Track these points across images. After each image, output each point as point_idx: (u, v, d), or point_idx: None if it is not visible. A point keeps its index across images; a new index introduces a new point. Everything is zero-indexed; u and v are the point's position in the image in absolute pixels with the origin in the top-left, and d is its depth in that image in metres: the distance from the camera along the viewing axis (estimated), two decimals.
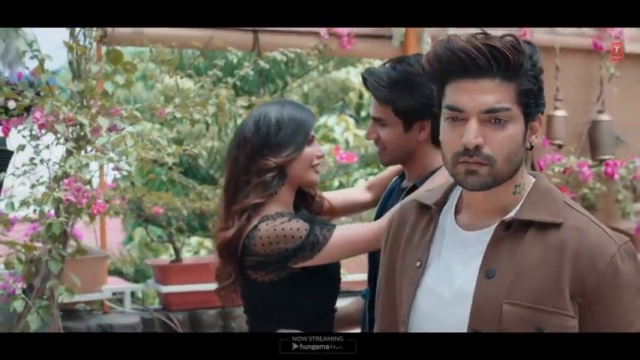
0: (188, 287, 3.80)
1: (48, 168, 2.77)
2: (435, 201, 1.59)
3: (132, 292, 4.11)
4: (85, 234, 3.54)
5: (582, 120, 4.37)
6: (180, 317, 3.78)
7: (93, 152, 2.73)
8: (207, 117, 3.00)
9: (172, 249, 4.04)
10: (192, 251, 7.50)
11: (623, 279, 1.42)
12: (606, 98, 4.37)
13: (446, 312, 1.49)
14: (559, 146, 4.21)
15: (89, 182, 2.74)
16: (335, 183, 7.64)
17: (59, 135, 2.73)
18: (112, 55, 2.85)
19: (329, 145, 7.80)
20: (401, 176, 2.22)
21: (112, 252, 5.65)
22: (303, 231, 1.95)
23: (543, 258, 1.43)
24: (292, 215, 2.01)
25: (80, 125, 2.70)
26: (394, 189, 2.20)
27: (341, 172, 6.50)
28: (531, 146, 1.50)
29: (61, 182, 2.66)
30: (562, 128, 4.22)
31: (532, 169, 1.55)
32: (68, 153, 2.74)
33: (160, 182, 5.89)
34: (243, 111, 3.11)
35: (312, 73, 6.86)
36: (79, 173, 2.61)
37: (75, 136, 2.76)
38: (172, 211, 3.91)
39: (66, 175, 2.66)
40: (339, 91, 6.91)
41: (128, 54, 3.52)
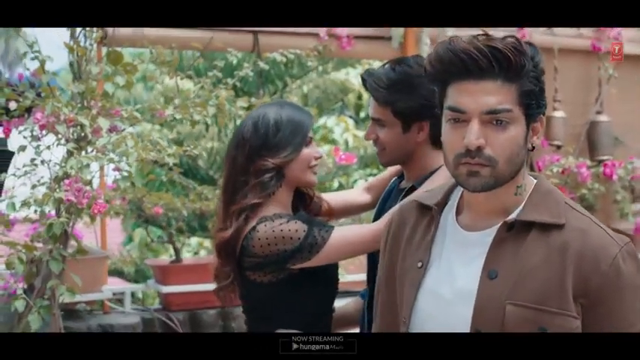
0: (188, 287, 3.80)
1: (49, 168, 2.78)
2: (436, 202, 1.59)
3: (132, 293, 4.12)
4: (86, 234, 3.54)
5: (581, 121, 4.37)
6: (180, 317, 3.78)
7: (93, 153, 2.74)
8: (207, 118, 2.99)
9: (172, 249, 4.05)
10: (192, 252, 7.50)
11: (625, 280, 1.43)
12: (605, 99, 4.37)
13: (447, 313, 1.49)
14: (558, 147, 4.21)
15: (90, 183, 2.75)
16: (335, 184, 7.64)
17: (60, 136, 2.74)
18: (113, 57, 2.86)
19: (328, 146, 7.81)
20: (399, 177, 2.22)
21: (112, 253, 5.65)
22: (301, 232, 1.95)
23: (546, 259, 1.43)
24: (290, 217, 2.01)
25: (81, 126, 2.71)
26: (393, 190, 2.21)
27: (340, 173, 6.49)
28: (533, 147, 1.50)
29: (62, 183, 2.67)
30: (561, 129, 4.22)
31: (531, 170, 1.55)
32: (69, 154, 2.75)
33: (160, 183, 5.89)
34: (242, 112, 3.11)
35: (311, 74, 6.86)
36: (80, 174, 2.62)
37: (75, 137, 2.77)
38: (172, 212, 3.91)
39: (67, 176, 2.67)
40: (339, 92, 6.91)
41: (128, 55, 3.53)
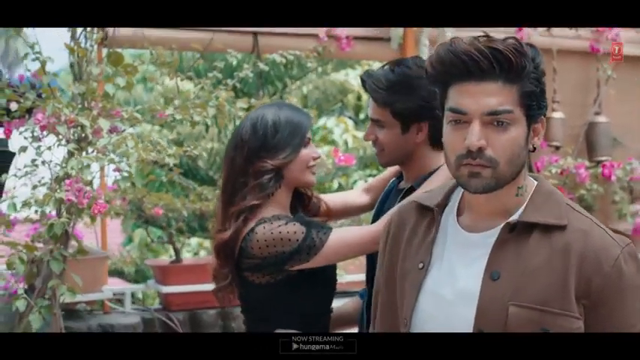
0: (188, 287, 3.81)
1: (49, 169, 2.78)
2: (437, 203, 1.58)
3: (132, 293, 4.13)
4: (86, 235, 3.54)
5: (579, 122, 4.38)
6: (180, 317, 3.79)
7: (94, 153, 2.75)
8: (207, 119, 2.99)
9: (172, 250, 4.06)
10: (191, 252, 7.51)
11: (626, 281, 1.44)
12: (603, 100, 4.38)
13: (449, 313, 1.49)
14: (556, 148, 4.22)
15: (90, 183, 2.76)
16: (334, 184, 7.65)
17: (61, 136, 2.75)
18: (113, 58, 2.86)
19: (328, 147, 7.82)
20: (398, 177, 2.23)
21: (112, 253, 5.66)
22: (299, 234, 1.96)
23: (549, 260, 1.43)
24: (289, 218, 2.01)
25: (81, 127, 2.72)
26: (391, 190, 2.21)
27: (340, 174, 6.50)
28: (534, 148, 1.50)
29: (63, 183, 2.67)
30: (559, 130, 4.23)
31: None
32: (69, 154, 2.76)
33: (160, 183, 5.90)
34: (242, 113, 3.10)
35: (311, 75, 6.86)
36: (81, 174, 2.63)
37: (76, 138, 2.78)
38: (172, 212, 3.92)
39: (67, 176, 2.68)
40: (338, 93, 6.91)
41: (129, 56, 3.54)
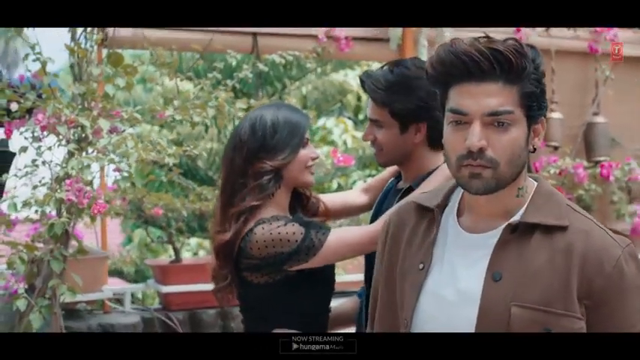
0: (188, 287, 3.81)
1: (50, 169, 2.79)
2: (437, 203, 1.58)
3: (132, 293, 4.13)
4: (86, 235, 3.55)
5: (578, 122, 4.38)
6: (180, 317, 3.79)
7: (94, 154, 2.76)
8: (206, 119, 3.00)
9: (172, 249, 4.06)
10: (191, 252, 7.52)
11: (628, 281, 1.44)
12: (601, 100, 4.38)
13: (450, 314, 1.49)
14: (555, 148, 4.22)
15: (90, 183, 2.77)
16: (333, 185, 7.66)
17: (61, 137, 2.76)
18: (113, 58, 2.87)
19: (327, 147, 7.82)
20: (397, 177, 2.23)
21: (112, 253, 5.66)
22: (298, 235, 1.96)
23: (551, 260, 1.44)
24: (288, 219, 2.02)
25: (81, 127, 2.72)
26: (390, 190, 2.22)
27: (339, 174, 6.50)
28: (534, 149, 1.51)
29: (63, 183, 2.68)
30: (558, 130, 4.23)
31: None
32: (70, 154, 2.77)
33: (160, 183, 5.90)
34: (242, 113, 3.10)
35: (310, 76, 6.86)
36: (81, 174, 2.63)
37: (76, 138, 2.78)
38: (172, 212, 3.92)
39: (67, 176, 2.68)
40: (337, 94, 6.91)
41: (129, 57, 3.55)
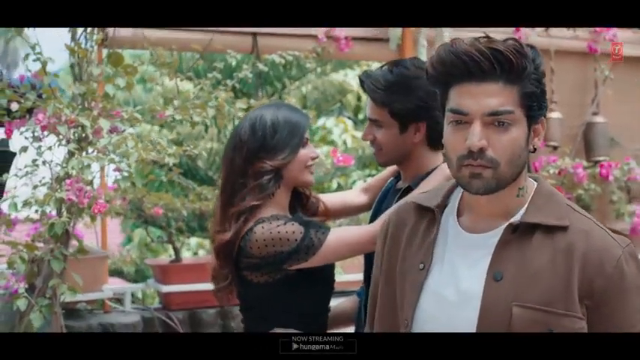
0: (188, 287, 3.81)
1: (50, 169, 2.79)
2: (437, 203, 1.58)
3: (132, 292, 4.14)
4: (86, 234, 3.56)
5: (577, 122, 4.39)
6: (180, 316, 3.79)
7: (94, 153, 2.76)
8: (206, 119, 3.00)
9: (172, 249, 4.07)
10: (191, 251, 7.52)
11: (628, 281, 1.44)
12: (601, 100, 4.39)
13: (451, 314, 1.49)
14: (554, 148, 4.23)
15: (90, 183, 2.77)
16: (333, 184, 7.66)
17: (61, 136, 2.76)
18: (113, 58, 2.87)
19: (327, 147, 7.82)
20: (396, 177, 2.24)
21: (112, 253, 5.67)
22: (298, 234, 1.97)
23: (552, 260, 1.44)
24: (288, 218, 2.02)
25: (82, 127, 2.72)
26: (389, 190, 2.22)
27: (339, 174, 6.51)
28: (534, 149, 1.51)
29: (63, 183, 2.68)
30: (557, 130, 4.24)
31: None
32: (70, 154, 2.77)
33: (160, 183, 5.91)
34: (241, 113, 3.10)
35: (310, 76, 6.86)
36: (81, 174, 2.63)
37: (77, 138, 2.78)
38: (172, 212, 3.93)
39: (68, 176, 2.69)
40: (337, 94, 6.91)
41: (129, 57, 3.55)
